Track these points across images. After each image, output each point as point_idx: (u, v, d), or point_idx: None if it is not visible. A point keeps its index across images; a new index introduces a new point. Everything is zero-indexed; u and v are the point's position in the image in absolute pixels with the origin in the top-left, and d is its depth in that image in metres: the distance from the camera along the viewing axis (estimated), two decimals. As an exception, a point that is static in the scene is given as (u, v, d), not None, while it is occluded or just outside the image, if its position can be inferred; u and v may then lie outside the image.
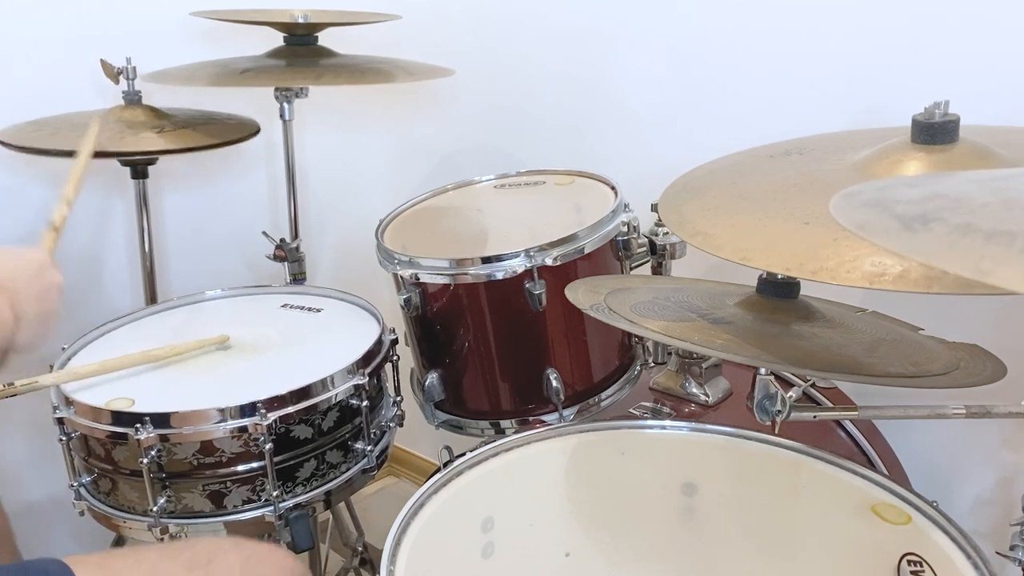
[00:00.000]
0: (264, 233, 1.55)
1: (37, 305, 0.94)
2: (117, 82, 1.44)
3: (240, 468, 1.07)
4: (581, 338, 1.20)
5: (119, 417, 1.05)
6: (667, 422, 1.07)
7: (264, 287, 1.46)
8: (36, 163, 1.55)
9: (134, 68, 1.44)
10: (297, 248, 1.55)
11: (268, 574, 0.94)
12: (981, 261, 0.43)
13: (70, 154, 1.20)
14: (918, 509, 0.88)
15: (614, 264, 1.22)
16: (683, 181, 0.97)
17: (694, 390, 1.23)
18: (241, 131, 1.49)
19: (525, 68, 1.70)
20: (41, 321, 0.95)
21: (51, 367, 1.16)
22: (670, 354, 1.27)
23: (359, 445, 1.17)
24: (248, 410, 1.05)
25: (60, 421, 1.09)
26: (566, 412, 1.19)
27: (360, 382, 1.14)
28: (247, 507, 1.09)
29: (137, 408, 1.06)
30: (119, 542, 1.33)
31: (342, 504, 1.51)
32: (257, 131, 1.52)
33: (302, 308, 1.36)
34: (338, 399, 1.13)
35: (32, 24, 1.51)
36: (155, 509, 1.06)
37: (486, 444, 1.00)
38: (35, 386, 1.04)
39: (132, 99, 1.45)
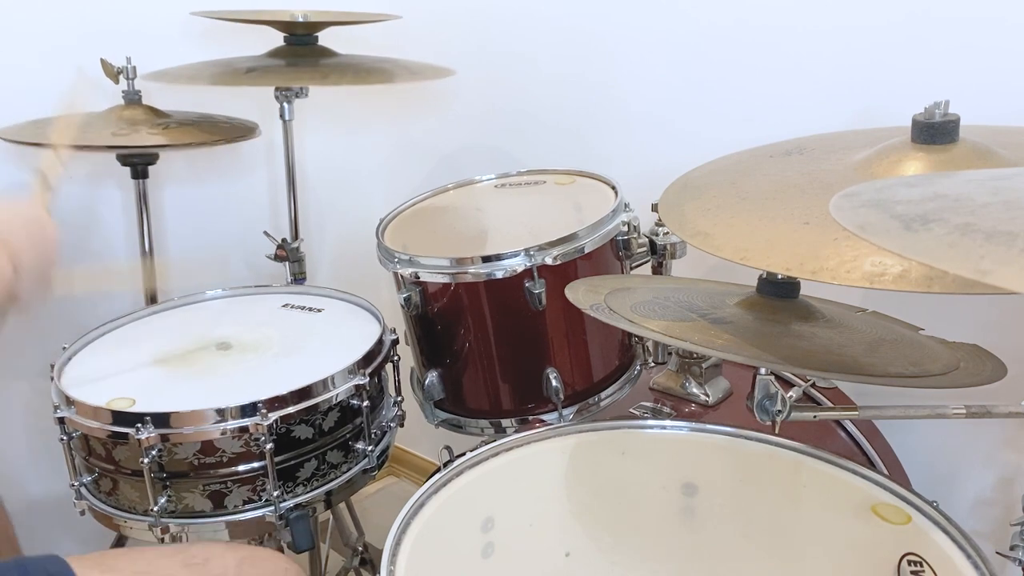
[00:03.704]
0: (266, 233, 1.55)
1: (36, 256, 0.92)
2: (117, 81, 1.44)
3: (241, 468, 1.07)
4: (581, 338, 1.20)
5: (120, 417, 1.05)
6: (667, 422, 1.07)
7: (265, 287, 1.46)
8: (36, 160, 1.55)
9: (134, 68, 1.44)
10: (298, 248, 1.55)
11: (262, 575, 0.95)
12: (981, 261, 0.43)
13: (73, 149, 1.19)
14: (918, 509, 0.88)
15: (614, 264, 1.22)
16: (683, 181, 0.97)
17: (694, 390, 1.23)
18: (240, 132, 1.49)
19: (525, 68, 1.70)
20: (41, 272, 0.93)
21: (51, 366, 1.16)
22: (670, 354, 1.27)
23: (360, 445, 1.17)
24: (249, 410, 1.05)
25: (61, 421, 1.09)
26: (566, 412, 1.19)
27: (361, 382, 1.14)
28: (248, 507, 1.09)
29: (138, 408, 1.06)
30: (120, 542, 1.33)
31: (342, 504, 1.51)
32: (256, 132, 1.52)
33: (303, 308, 1.37)
34: (339, 399, 1.13)
35: (31, 23, 1.51)
36: (156, 509, 1.06)
37: (486, 444, 1.00)
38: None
39: (132, 98, 1.45)
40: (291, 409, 1.08)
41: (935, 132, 0.84)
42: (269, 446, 1.06)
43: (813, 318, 0.94)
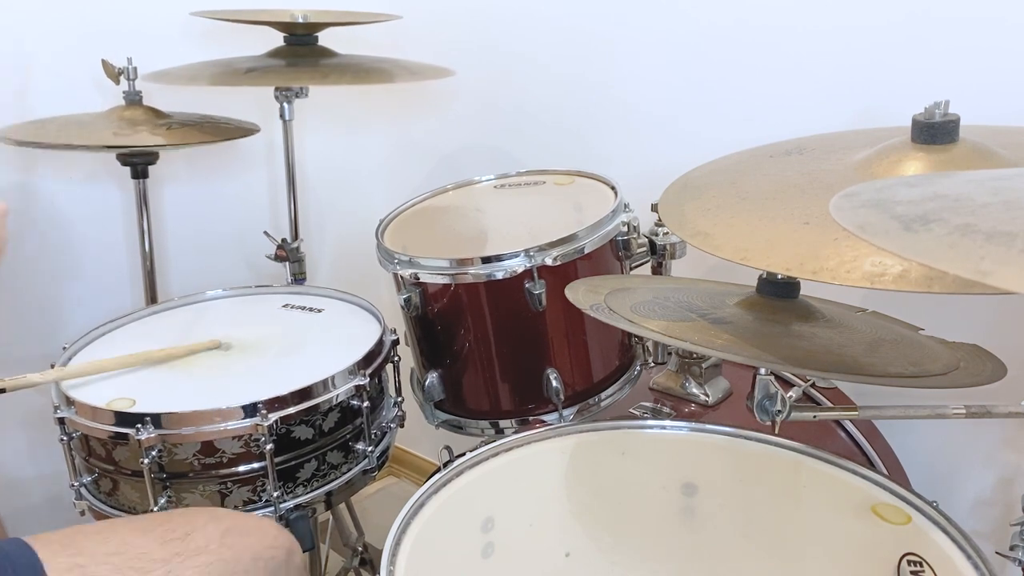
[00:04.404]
0: (266, 233, 1.55)
1: None
2: (118, 82, 1.45)
3: (241, 469, 1.07)
4: (581, 338, 1.20)
5: (120, 417, 1.05)
6: (667, 422, 1.07)
7: (265, 287, 1.46)
8: (37, 161, 1.56)
9: (135, 68, 1.44)
10: (298, 248, 1.55)
11: (250, 546, 0.90)
12: (981, 261, 0.43)
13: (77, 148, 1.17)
14: (918, 509, 0.88)
15: (614, 264, 1.22)
16: (683, 181, 0.97)
17: (694, 390, 1.23)
18: (240, 133, 1.49)
19: (525, 68, 1.70)
20: None
21: (52, 366, 1.16)
22: (670, 354, 1.27)
23: (360, 446, 1.17)
24: (249, 411, 1.05)
25: (61, 421, 1.09)
26: (566, 412, 1.19)
27: (361, 383, 1.14)
28: (248, 508, 1.09)
29: (138, 408, 1.06)
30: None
31: (342, 504, 1.51)
32: (256, 132, 1.52)
33: (303, 308, 1.37)
34: (339, 400, 1.13)
35: (32, 24, 1.51)
36: (156, 509, 1.06)
37: (486, 444, 1.00)
38: (24, 383, 1.04)
39: (133, 99, 1.45)
40: (291, 410, 1.08)
41: (935, 132, 0.84)
42: (269, 447, 1.06)
43: (813, 318, 0.94)
